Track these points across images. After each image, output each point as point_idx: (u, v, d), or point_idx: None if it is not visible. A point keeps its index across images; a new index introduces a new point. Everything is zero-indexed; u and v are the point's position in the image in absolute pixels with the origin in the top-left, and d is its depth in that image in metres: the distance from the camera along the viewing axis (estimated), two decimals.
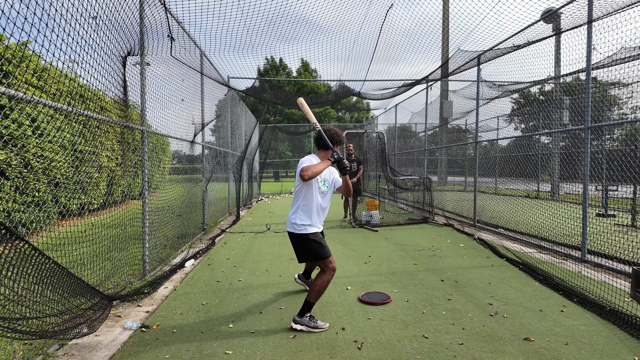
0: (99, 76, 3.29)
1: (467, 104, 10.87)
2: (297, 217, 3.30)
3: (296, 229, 3.29)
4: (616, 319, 3.30)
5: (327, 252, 3.28)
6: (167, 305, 3.76)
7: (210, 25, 5.81)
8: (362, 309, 3.64)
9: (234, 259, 5.60)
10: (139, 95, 4.57)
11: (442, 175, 15.77)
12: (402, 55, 8.37)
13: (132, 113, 4.75)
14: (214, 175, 8.96)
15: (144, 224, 4.64)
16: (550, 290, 4.11)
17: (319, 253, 3.25)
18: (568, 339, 2.99)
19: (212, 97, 8.34)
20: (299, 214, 3.31)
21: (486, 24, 6.34)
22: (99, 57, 3.21)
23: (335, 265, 3.29)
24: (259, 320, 3.39)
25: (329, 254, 3.28)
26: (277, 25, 6.91)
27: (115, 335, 3.12)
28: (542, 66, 7.21)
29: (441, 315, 3.46)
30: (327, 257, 3.26)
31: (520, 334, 3.07)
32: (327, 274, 3.24)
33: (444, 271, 4.87)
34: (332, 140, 3.41)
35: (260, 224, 8.82)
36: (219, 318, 3.45)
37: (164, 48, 4.62)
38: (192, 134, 6.79)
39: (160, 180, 6.86)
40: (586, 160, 5.27)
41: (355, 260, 5.48)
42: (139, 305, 3.77)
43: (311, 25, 7.19)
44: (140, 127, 4.53)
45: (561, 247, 5.89)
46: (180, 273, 4.89)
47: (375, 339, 3.01)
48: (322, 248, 3.27)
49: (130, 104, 4.48)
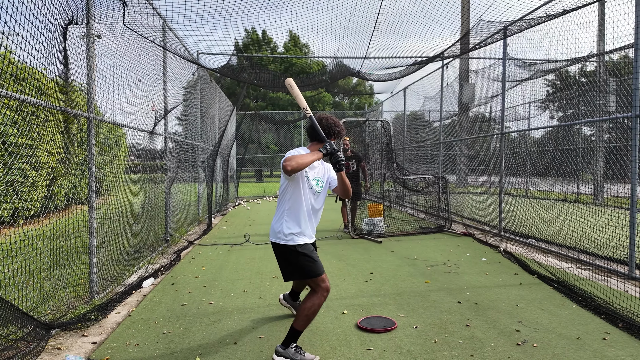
0: (32, 50, 3.27)
1: (492, 87, 10.95)
2: (282, 225, 3.28)
3: (281, 239, 3.26)
4: None
5: (320, 268, 3.26)
6: (119, 335, 3.74)
7: None
8: (360, 337, 3.65)
9: (204, 277, 5.58)
10: (84, 74, 4.55)
11: (461, 174, 15.87)
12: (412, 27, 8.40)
13: (78, 97, 4.72)
14: (180, 174, 8.93)
15: (91, 235, 4.61)
16: (590, 314, 4.15)
17: (309, 270, 3.23)
18: None
19: (177, 77, 8.32)
20: (284, 220, 3.29)
21: None
22: (32, 27, 3.19)
23: (329, 284, 3.29)
24: (232, 353, 3.38)
25: (321, 270, 3.26)
26: None
27: None
28: (582, 41, 7.26)
29: (457, 345, 3.48)
30: (319, 274, 3.24)
31: None
32: (318, 295, 3.22)
33: (461, 291, 4.90)
34: (329, 130, 3.43)
35: (238, 234, 8.81)
36: (183, 350, 3.44)
37: (116, 16, 4.59)
38: (152, 123, 6.76)
39: (114, 180, 6.82)
40: (635, 155, 5.33)
41: (353, 278, 5.49)
42: (84, 335, 3.75)
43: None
44: (86, 113, 4.50)
45: (605, 262, 5.95)
46: (136, 295, 4.87)
47: None
48: (313, 263, 3.25)
49: (75, 86, 4.46)
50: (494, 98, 11.65)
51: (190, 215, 9.88)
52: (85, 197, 5.34)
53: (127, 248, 5.76)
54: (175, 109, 8.26)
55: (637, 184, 5.44)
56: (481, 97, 12.27)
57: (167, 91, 7.40)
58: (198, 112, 10.22)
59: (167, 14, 6.89)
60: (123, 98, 5.63)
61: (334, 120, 3.46)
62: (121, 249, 5.54)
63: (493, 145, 13.12)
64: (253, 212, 13.10)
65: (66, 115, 4.49)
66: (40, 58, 3.41)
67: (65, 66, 3.86)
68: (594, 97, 10.64)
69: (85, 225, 4.72)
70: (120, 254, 5.52)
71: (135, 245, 6.12)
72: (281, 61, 32.89)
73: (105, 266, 5.08)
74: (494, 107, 13.22)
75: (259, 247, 7.54)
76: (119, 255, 5.47)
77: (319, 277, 3.23)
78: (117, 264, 5.43)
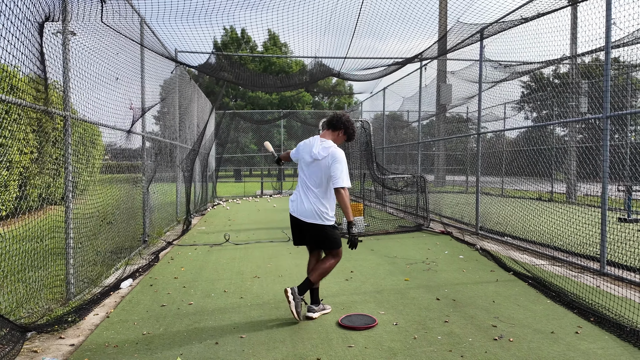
0: (8, 46, 3.20)
1: (469, 88, 11.17)
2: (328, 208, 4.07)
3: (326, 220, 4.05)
4: (637, 340, 3.48)
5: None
6: (98, 337, 3.69)
7: None
8: (341, 335, 3.69)
9: (183, 277, 5.54)
10: (60, 72, 4.46)
11: (439, 173, 16.11)
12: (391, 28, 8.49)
13: (52, 95, 4.63)
14: (159, 174, 8.83)
15: (68, 235, 4.53)
16: (563, 309, 4.29)
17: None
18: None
19: (155, 76, 8.22)
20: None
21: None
22: (7, 22, 3.12)
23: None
24: (214, 353, 3.38)
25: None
26: None
27: None
28: (556, 44, 7.47)
29: (436, 341, 3.55)
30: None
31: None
32: (338, 258, 4.16)
33: (440, 288, 5.00)
34: (346, 131, 4.18)
35: (217, 234, 8.76)
36: (163, 351, 3.41)
37: (93, 13, 4.52)
38: (130, 122, 6.67)
39: (90, 180, 6.70)
40: (605, 155, 5.51)
41: (334, 276, 5.53)
42: (62, 337, 3.69)
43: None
44: (62, 112, 4.42)
45: (577, 258, 6.14)
46: (114, 296, 4.80)
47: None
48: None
49: (49, 84, 4.37)
50: (470, 99, 11.88)
51: (168, 215, 9.78)
52: (60, 197, 5.24)
53: (104, 249, 5.68)
54: (153, 107, 8.16)
55: (608, 183, 5.63)
56: (458, 97, 12.49)
57: (145, 90, 7.31)
58: (176, 111, 10.11)
59: (146, 12, 6.81)
60: (100, 96, 5.55)
61: (351, 122, 4.20)
62: (98, 250, 5.46)
63: (470, 146, 13.37)
64: (233, 212, 13.03)
65: (39, 113, 4.39)
66: (17, 55, 3.34)
67: (42, 63, 3.79)
68: (567, 98, 10.94)
69: (60, 226, 4.63)
70: (97, 255, 5.43)
71: (113, 246, 6.03)
72: (260, 60, 32.77)
73: (82, 267, 5.00)
74: (471, 107, 13.47)
75: (239, 247, 7.51)
76: (96, 256, 5.39)
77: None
78: (94, 265, 5.35)
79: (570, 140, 12.82)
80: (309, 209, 3.99)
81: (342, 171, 3.91)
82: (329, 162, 3.94)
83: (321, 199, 3.99)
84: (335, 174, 3.90)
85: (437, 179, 16.16)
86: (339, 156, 3.95)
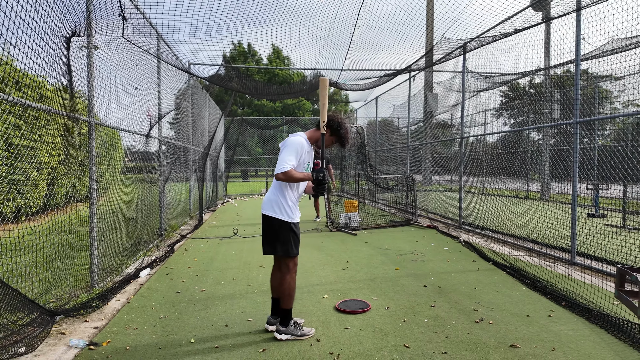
0: (38, 59, 3.20)
1: (453, 97, 11.17)
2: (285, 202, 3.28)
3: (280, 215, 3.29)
4: (604, 322, 3.50)
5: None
6: (119, 320, 3.70)
7: (169, 4, 5.73)
8: (338, 318, 3.70)
9: (196, 267, 5.55)
10: (85, 82, 4.47)
11: (426, 174, 16.12)
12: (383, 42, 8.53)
13: (78, 103, 4.63)
14: (174, 174, 8.83)
15: (92, 229, 4.54)
16: (538, 295, 4.30)
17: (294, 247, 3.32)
18: (555, 345, 3.15)
19: (170, 86, 8.22)
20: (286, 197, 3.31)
21: (473, 10, 6.54)
22: (37, 38, 3.13)
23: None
24: (224, 334, 3.39)
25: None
26: (244, 7, 6.87)
27: (59, 354, 3.05)
28: (531, 58, 7.51)
29: (423, 323, 3.56)
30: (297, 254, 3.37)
31: (506, 341, 3.21)
32: (291, 273, 3.31)
33: (427, 276, 5.01)
34: (339, 130, 3.39)
35: (227, 228, 8.76)
36: (178, 333, 3.42)
37: (115, 29, 4.52)
38: (148, 127, 6.67)
39: (112, 180, 6.69)
40: (575, 157, 5.53)
41: (332, 266, 5.54)
42: (86, 321, 3.69)
43: (283, 8, 7.20)
44: (87, 118, 4.42)
45: (550, 250, 6.16)
46: (134, 284, 4.81)
47: (353, 350, 3.08)
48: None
49: (75, 93, 4.37)
50: (454, 106, 11.88)
51: (182, 211, 9.77)
52: (85, 195, 5.25)
53: (124, 241, 5.68)
54: (168, 114, 8.16)
55: (578, 182, 5.65)
56: (444, 105, 12.50)
57: (162, 98, 7.31)
58: (189, 117, 10.10)
59: (163, 28, 6.80)
60: (121, 104, 5.55)
61: (344, 124, 3.44)
62: (119, 242, 5.46)
63: (454, 149, 13.36)
64: (240, 208, 13.03)
65: (66, 119, 4.40)
66: (44, 66, 3.34)
67: (69, 74, 3.79)
68: (541, 106, 10.96)
69: (85, 220, 4.64)
70: (119, 247, 5.43)
71: (133, 238, 6.03)
72: (265, 72, 32.75)
73: (105, 258, 5.00)
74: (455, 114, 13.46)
75: (246, 240, 7.52)
76: (118, 248, 5.39)
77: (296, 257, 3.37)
78: (116, 256, 5.35)
79: (544, 144, 12.83)
80: (266, 199, 3.32)
81: (282, 158, 3.14)
82: (283, 146, 3.29)
83: (280, 188, 3.27)
84: (281, 156, 3.18)
85: (424, 178, 16.16)
86: (288, 142, 3.23)
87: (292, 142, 3.21)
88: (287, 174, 3.10)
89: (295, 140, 3.24)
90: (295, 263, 3.35)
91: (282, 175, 3.10)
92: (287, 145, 3.21)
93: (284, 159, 3.14)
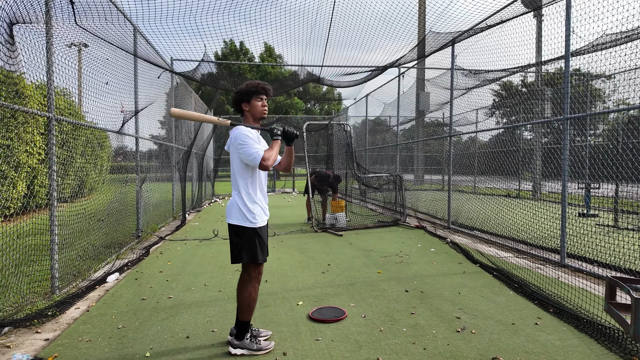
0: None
1: (445, 95, 10.93)
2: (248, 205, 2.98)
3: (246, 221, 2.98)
4: (593, 331, 3.26)
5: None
6: (73, 331, 3.41)
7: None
8: (311, 328, 3.44)
9: (168, 271, 5.26)
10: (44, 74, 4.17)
11: (418, 173, 15.87)
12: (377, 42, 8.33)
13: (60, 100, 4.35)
14: (155, 174, 8.53)
15: (52, 231, 4.24)
16: (525, 300, 4.07)
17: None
18: (541, 357, 2.90)
19: (149, 80, 7.92)
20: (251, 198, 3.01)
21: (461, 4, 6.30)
22: None
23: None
24: (183, 347, 3.11)
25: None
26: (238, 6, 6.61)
27: None
28: (523, 56, 7.29)
29: (401, 333, 3.30)
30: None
31: (488, 353, 2.96)
32: (253, 282, 3.03)
33: (409, 280, 4.76)
34: (247, 94, 3.00)
35: (209, 229, 8.47)
36: (134, 345, 3.14)
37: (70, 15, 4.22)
38: (130, 123, 6.38)
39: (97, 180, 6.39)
40: (565, 154, 5.30)
41: (311, 270, 5.28)
42: (38, 332, 3.40)
43: (274, 7, 6.94)
44: (47, 113, 4.12)
45: (539, 251, 5.93)
46: (99, 290, 4.52)
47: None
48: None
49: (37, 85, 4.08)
50: (446, 105, 11.65)
51: (164, 212, 9.46)
52: (69, 195, 4.96)
53: (93, 244, 5.38)
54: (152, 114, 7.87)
55: (568, 181, 5.43)
56: (436, 103, 12.27)
57: (138, 92, 7.00)
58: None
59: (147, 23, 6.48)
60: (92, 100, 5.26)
61: (248, 84, 3.03)
62: (86, 245, 5.16)
63: (445, 148, 13.14)
64: None
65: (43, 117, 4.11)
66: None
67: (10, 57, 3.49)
68: (533, 105, 10.76)
69: (65, 221, 4.39)
70: (85, 250, 5.13)
71: (104, 241, 5.73)
72: (257, 70, 32.46)
73: (71, 262, 4.71)
74: (447, 113, 13.25)
75: (227, 241, 7.23)
76: (84, 252, 5.09)
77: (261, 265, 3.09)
78: (84, 260, 5.06)
79: (536, 143, 12.64)
80: (228, 205, 3.03)
81: (247, 152, 2.84)
82: (234, 146, 2.94)
83: (238, 192, 2.97)
84: (244, 152, 2.85)
85: (416, 177, 15.92)
86: (238, 133, 2.89)
87: (241, 133, 2.89)
88: (266, 158, 2.82)
89: (241, 130, 2.92)
90: (260, 272, 3.06)
91: (264, 162, 2.82)
92: (240, 139, 2.87)
93: (249, 151, 2.84)
